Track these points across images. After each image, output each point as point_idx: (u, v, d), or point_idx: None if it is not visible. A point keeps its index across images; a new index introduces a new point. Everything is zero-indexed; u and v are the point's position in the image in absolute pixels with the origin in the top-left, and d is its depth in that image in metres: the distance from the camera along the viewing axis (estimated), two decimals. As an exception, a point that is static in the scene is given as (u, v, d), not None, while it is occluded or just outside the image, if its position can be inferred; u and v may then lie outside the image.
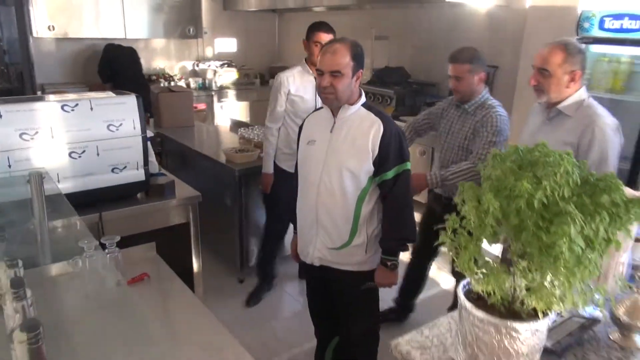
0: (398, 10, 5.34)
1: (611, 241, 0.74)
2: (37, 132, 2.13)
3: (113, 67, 5.48)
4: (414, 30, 5.20)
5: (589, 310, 1.12)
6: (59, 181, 2.21)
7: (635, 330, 1.02)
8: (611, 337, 1.05)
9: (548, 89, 2.01)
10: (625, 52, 3.57)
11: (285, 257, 3.65)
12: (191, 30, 6.22)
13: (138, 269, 1.92)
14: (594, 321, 1.08)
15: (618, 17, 3.38)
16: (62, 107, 2.18)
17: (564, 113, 2.06)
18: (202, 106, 5.94)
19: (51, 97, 2.33)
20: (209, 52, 6.74)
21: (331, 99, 1.85)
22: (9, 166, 2.10)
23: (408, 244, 2.01)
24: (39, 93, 5.56)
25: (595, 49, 3.64)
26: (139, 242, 2.09)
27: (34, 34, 5.41)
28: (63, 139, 2.20)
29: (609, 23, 3.43)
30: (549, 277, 0.74)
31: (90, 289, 1.71)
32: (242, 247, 3.39)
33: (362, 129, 1.87)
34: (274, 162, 3.02)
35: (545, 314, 0.82)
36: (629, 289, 1.01)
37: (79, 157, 2.26)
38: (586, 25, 3.54)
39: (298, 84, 2.89)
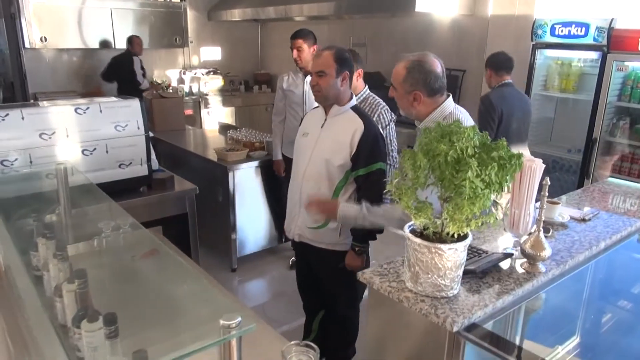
0: (373, 20, 5.72)
1: (502, 184, 1.08)
2: (54, 132, 2.43)
3: (117, 72, 5.80)
4: (389, 38, 5.58)
5: (508, 250, 1.48)
6: (72, 175, 2.51)
7: (538, 260, 1.37)
8: (522, 267, 1.41)
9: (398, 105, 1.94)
10: (574, 56, 4.00)
11: (278, 247, 4.00)
12: (177, 39, 6.49)
13: (148, 247, 2.23)
14: (508, 255, 1.44)
15: (566, 24, 3.79)
16: (75, 110, 2.48)
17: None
18: (189, 112, 6.24)
19: (63, 102, 2.62)
20: (194, 60, 7.04)
21: (319, 95, 2.18)
22: (30, 162, 2.39)
23: (376, 234, 2.26)
24: (31, 101, 5.78)
25: (548, 53, 4.06)
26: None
27: (27, 45, 5.62)
28: (76, 138, 2.49)
29: (559, 30, 3.84)
30: (459, 209, 1.08)
31: (109, 262, 2.01)
32: (233, 238, 3.69)
33: (346, 128, 2.17)
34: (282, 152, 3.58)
35: (460, 238, 1.16)
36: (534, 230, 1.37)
37: (91, 154, 2.55)
38: (539, 32, 3.96)
39: (290, 82, 3.49)
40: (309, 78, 3.28)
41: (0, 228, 1.98)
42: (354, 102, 2.25)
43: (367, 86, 2.89)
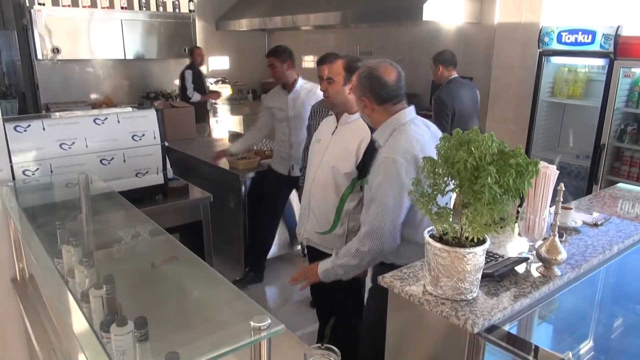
0: (380, 28, 5.79)
1: (520, 189, 1.13)
2: (73, 142, 2.49)
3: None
4: (395, 46, 5.64)
5: (523, 254, 1.51)
6: (91, 183, 2.57)
7: (553, 263, 1.40)
8: (538, 270, 1.44)
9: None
10: (581, 63, 4.04)
11: (289, 253, 4.05)
12: (186, 49, 6.58)
13: (167, 254, 2.27)
14: (524, 259, 1.47)
15: (573, 32, 3.84)
16: (94, 121, 2.55)
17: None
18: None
19: (82, 112, 2.69)
20: (203, 69, 7.13)
21: (327, 101, 2.25)
22: (51, 172, 2.45)
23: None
24: (43, 112, 5.86)
25: (555, 60, 4.11)
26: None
27: (39, 57, 5.70)
28: (95, 147, 2.55)
29: (565, 37, 3.89)
30: (478, 215, 1.12)
31: (130, 269, 2.06)
32: (246, 246, 3.74)
33: (354, 136, 2.21)
34: (270, 164, 3.60)
35: (479, 243, 1.20)
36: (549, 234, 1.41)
37: (109, 163, 2.61)
38: (546, 39, 4.00)
39: (275, 99, 3.54)
40: (292, 94, 3.41)
41: (24, 236, 2.04)
42: None
43: None
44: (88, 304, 1.52)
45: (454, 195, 1.26)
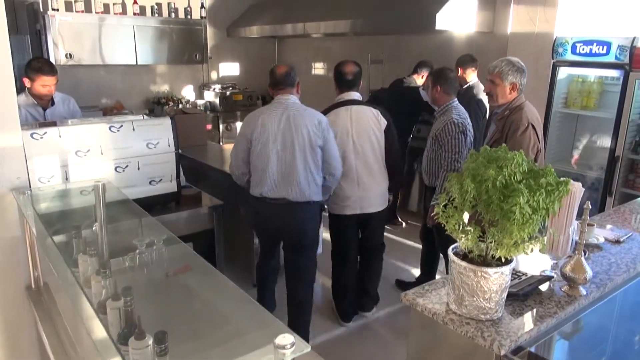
0: (391, 37, 5.78)
1: (549, 209, 1.11)
2: (89, 150, 2.49)
3: None
4: (407, 54, 5.63)
5: (546, 272, 1.49)
6: (106, 191, 2.57)
7: (579, 282, 1.38)
8: (562, 289, 1.42)
9: None
10: (595, 74, 4.00)
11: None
12: (197, 56, 6.59)
13: (181, 262, 2.26)
14: (548, 277, 1.45)
15: (588, 42, 3.81)
16: (109, 128, 2.55)
17: None
18: (208, 127, 6.31)
19: (97, 119, 2.70)
20: (214, 75, 7.15)
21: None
22: (67, 179, 2.45)
23: None
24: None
25: (569, 70, 4.08)
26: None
27: (52, 62, 5.73)
28: (110, 155, 2.55)
29: (580, 48, 3.86)
30: (507, 234, 1.10)
31: (144, 278, 2.05)
32: (256, 254, 3.71)
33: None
34: None
35: (506, 262, 1.18)
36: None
37: (123, 170, 2.61)
38: (560, 50, 3.98)
39: None
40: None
41: (40, 244, 2.04)
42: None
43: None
44: (105, 315, 1.51)
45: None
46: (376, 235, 3.32)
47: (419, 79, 4.65)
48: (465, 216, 1.19)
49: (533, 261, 1.64)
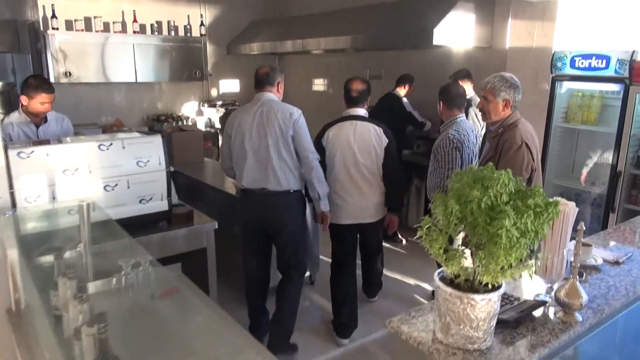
0: (390, 53, 5.77)
1: (538, 232, 1.04)
2: (77, 169, 2.45)
3: None
4: (406, 70, 5.59)
5: (540, 297, 1.41)
6: (93, 211, 2.52)
7: (574, 308, 1.31)
8: (557, 315, 1.34)
9: None
10: (595, 88, 3.95)
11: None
12: (197, 73, 6.61)
13: (167, 284, 2.20)
14: (541, 302, 1.37)
15: (587, 56, 3.76)
16: (98, 147, 2.51)
17: None
18: (207, 144, 6.29)
19: (87, 138, 2.66)
20: (214, 92, 7.16)
21: None
22: (54, 198, 2.40)
23: None
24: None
25: (568, 85, 4.03)
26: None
27: (52, 80, 5.75)
28: (99, 174, 2.51)
29: (579, 62, 3.81)
30: (494, 259, 1.04)
31: (129, 300, 1.98)
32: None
33: None
34: None
35: (494, 289, 1.11)
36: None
37: (112, 189, 2.57)
38: (559, 64, 3.93)
39: None
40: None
41: (22, 265, 1.98)
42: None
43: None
44: (80, 342, 1.45)
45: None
46: (374, 240, 3.58)
47: (402, 91, 4.98)
48: (461, 235, 1.13)
49: (527, 285, 1.56)
